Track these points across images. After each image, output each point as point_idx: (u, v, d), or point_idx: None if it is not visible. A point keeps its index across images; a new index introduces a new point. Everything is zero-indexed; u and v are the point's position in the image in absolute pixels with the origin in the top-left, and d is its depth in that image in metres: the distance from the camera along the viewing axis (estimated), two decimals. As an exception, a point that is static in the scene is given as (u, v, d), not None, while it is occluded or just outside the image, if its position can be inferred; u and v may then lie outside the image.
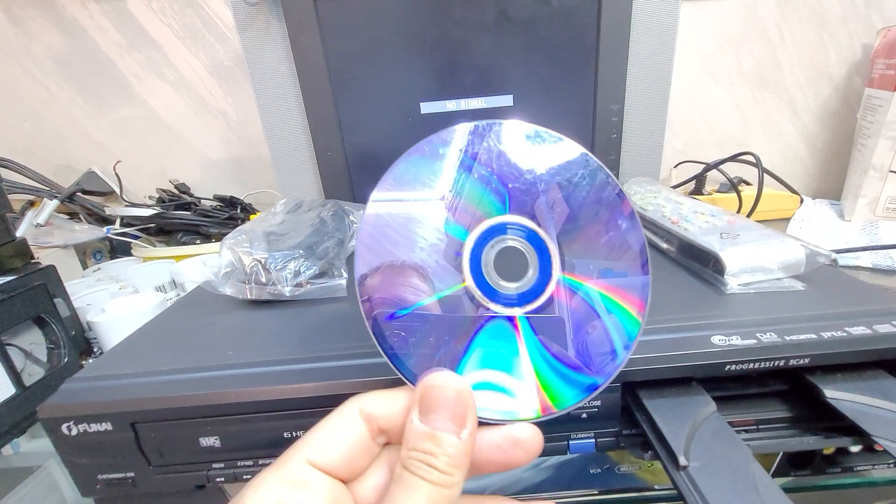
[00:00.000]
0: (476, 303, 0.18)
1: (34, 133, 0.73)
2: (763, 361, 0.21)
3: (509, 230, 0.19)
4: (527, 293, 0.19)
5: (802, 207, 0.65)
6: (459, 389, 0.16)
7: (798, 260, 0.27)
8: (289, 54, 0.52)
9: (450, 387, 0.16)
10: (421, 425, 0.16)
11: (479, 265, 0.18)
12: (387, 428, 0.18)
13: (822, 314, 0.24)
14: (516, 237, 0.19)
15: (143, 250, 0.63)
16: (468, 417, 0.16)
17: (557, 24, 0.52)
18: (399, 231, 0.18)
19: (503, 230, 0.19)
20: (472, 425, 0.16)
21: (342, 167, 0.57)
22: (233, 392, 0.22)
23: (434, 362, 0.18)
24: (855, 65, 0.68)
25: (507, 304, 0.18)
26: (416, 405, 0.16)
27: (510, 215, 0.19)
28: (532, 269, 0.19)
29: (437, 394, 0.16)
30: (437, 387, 0.16)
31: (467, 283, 0.18)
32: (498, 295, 0.18)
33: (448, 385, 0.16)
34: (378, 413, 0.18)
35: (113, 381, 0.24)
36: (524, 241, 0.19)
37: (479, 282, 0.18)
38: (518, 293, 0.18)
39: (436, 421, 0.16)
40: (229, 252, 0.31)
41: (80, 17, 0.66)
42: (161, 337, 0.29)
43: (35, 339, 0.40)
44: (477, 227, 0.18)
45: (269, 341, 0.27)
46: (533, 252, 0.19)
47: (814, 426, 0.22)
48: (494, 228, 0.19)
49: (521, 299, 0.18)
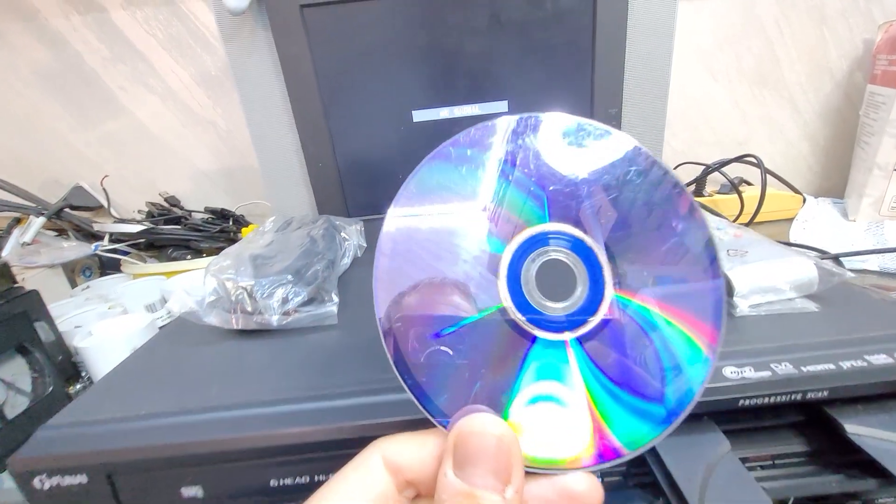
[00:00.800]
0: (518, 328, 0.16)
1: (20, 148, 0.71)
2: (779, 395, 0.20)
3: (551, 240, 0.16)
4: (576, 313, 0.16)
5: (805, 207, 0.64)
6: (501, 436, 0.14)
7: (810, 279, 0.25)
8: (276, 64, 0.51)
9: (490, 433, 0.14)
10: (456, 480, 0.13)
11: (518, 283, 0.16)
12: (416, 480, 0.15)
13: (839, 340, 0.22)
14: (560, 248, 0.16)
15: (132, 267, 0.61)
16: (513, 471, 0.14)
17: (552, 27, 0.51)
18: (428, 245, 0.16)
19: (544, 241, 0.16)
20: (519, 480, 0.14)
21: (334, 178, 0.55)
22: (215, 439, 0.21)
23: (470, 399, 0.15)
24: (856, 60, 0.67)
25: (556, 328, 0.16)
26: (449, 455, 0.14)
27: (552, 223, 0.16)
28: (581, 286, 0.16)
29: (475, 442, 0.14)
30: (474, 433, 0.14)
31: (506, 306, 0.16)
32: (543, 318, 0.16)
33: (488, 432, 0.14)
34: (405, 463, 0.15)
35: (89, 428, 0.23)
36: (570, 252, 0.16)
37: (519, 303, 0.16)
38: (567, 314, 0.16)
39: (474, 476, 0.13)
40: (213, 279, 0.30)
41: (63, 29, 0.65)
42: (142, 373, 0.27)
43: (17, 368, 0.39)
44: (514, 238, 0.16)
45: (256, 377, 0.25)
46: (581, 265, 0.16)
47: (833, 461, 0.21)
48: (534, 239, 0.16)
49: (571, 322, 0.16)
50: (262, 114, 0.53)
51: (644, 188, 0.16)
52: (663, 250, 0.15)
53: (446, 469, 0.14)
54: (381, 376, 0.23)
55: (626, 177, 0.16)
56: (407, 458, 0.15)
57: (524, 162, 0.16)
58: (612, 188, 0.16)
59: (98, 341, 0.43)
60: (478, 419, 0.14)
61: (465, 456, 0.14)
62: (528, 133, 0.16)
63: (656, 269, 0.15)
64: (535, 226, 0.16)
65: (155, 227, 0.63)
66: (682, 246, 0.15)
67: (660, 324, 0.15)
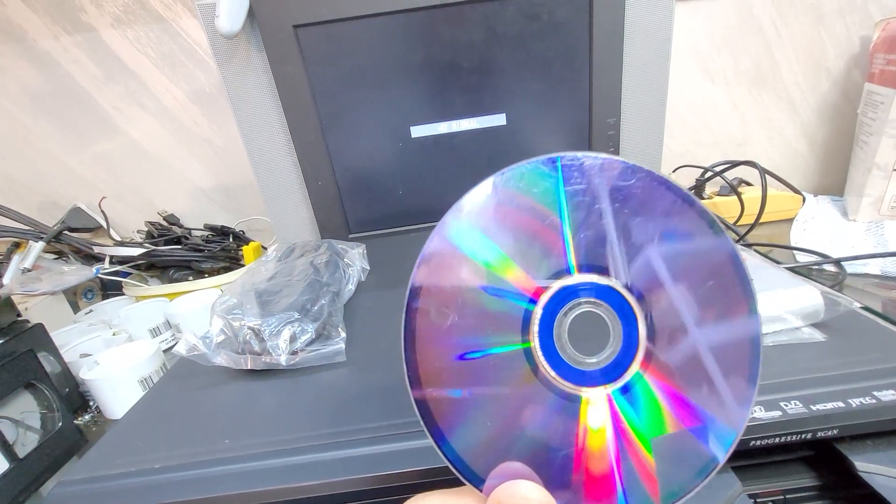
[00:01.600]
0: (551, 385, 0.15)
1: (14, 171, 0.70)
2: (789, 435, 0.20)
3: (581, 292, 0.15)
4: (608, 368, 0.15)
5: (805, 207, 0.64)
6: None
7: (816, 308, 0.25)
8: (272, 85, 0.50)
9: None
10: None
11: (550, 339, 0.15)
12: None
13: (847, 374, 0.22)
14: (591, 299, 0.15)
15: (135, 289, 0.61)
16: None
17: (548, 38, 0.50)
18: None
19: (575, 293, 0.15)
20: None
21: (334, 196, 0.55)
22: (232, 495, 0.21)
23: (506, 455, 0.14)
24: (853, 58, 0.66)
25: (592, 383, 0.15)
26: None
27: (581, 275, 0.15)
28: (614, 338, 0.15)
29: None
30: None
31: (547, 374, 0.15)
32: (578, 374, 0.15)
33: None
34: None
35: (105, 484, 0.23)
36: (601, 302, 0.15)
37: (552, 360, 0.15)
38: (600, 369, 0.15)
39: None
40: (220, 320, 0.30)
41: (52, 50, 0.64)
42: (154, 420, 0.27)
43: (26, 405, 0.39)
44: (545, 292, 0.15)
45: (268, 423, 0.25)
46: (614, 315, 0.15)
47: (843, 495, 0.21)
48: (566, 291, 0.15)
49: (605, 376, 0.15)
50: (260, 134, 0.53)
51: (646, 210, 0.15)
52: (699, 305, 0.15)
53: None
54: (395, 421, 0.23)
55: (623, 195, 0.15)
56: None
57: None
58: (622, 213, 0.15)
59: (105, 373, 0.43)
60: (519, 488, 0.14)
61: None
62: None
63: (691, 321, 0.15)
64: (565, 277, 0.15)
65: (156, 249, 0.62)
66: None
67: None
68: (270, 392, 0.28)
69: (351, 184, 0.55)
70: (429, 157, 0.55)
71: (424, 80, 0.51)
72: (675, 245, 0.15)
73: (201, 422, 0.26)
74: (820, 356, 0.24)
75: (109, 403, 0.42)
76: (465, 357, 0.15)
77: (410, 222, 0.57)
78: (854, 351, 0.24)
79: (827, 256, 0.50)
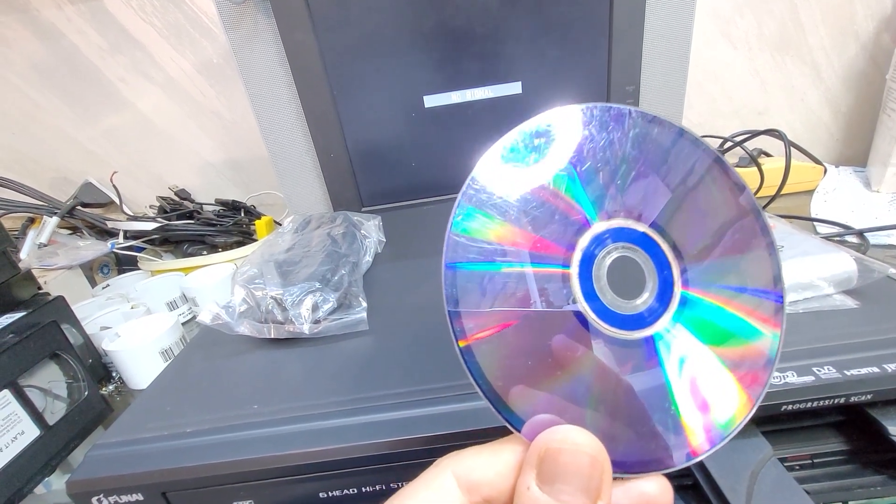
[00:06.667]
0: (595, 330, 0.15)
1: (24, 147, 0.70)
2: (822, 400, 0.20)
3: (607, 241, 0.15)
4: (659, 296, 0.15)
5: (826, 178, 0.62)
6: (595, 455, 0.13)
7: (850, 274, 0.25)
8: (281, 53, 0.49)
9: (583, 452, 0.13)
10: (542, 495, 0.12)
11: (591, 284, 0.15)
12: (493, 497, 0.14)
13: (881, 340, 0.22)
14: (620, 243, 0.15)
15: (150, 263, 0.62)
16: (604, 488, 0.13)
17: (566, 2, 0.48)
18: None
19: (602, 242, 0.15)
20: (608, 497, 0.13)
21: (346, 168, 0.55)
22: (265, 457, 0.21)
23: (550, 404, 0.14)
24: (884, 20, 0.63)
25: (652, 318, 0.15)
26: (533, 467, 0.13)
27: (608, 220, 0.15)
28: (651, 281, 0.15)
29: (565, 459, 0.13)
30: (565, 450, 0.13)
31: (594, 322, 0.14)
32: (619, 318, 0.15)
33: (581, 450, 0.13)
34: (481, 479, 0.14)
35: (139, 447, 0.23)
36: (632, 245, 0.15)
37: (604, 316, 0.15)
38: (649, 306, 0.15)
39: (563, 493, 0.12)
40: (242, 289, 0.30)
41: (56, 20, 0.62)
42: (182, 388, 0.28)
43: (53, 375, 0.40)
44: (579, 240, 0.15)
45: (295, 390, 0.26)
46: (648, 259, 0.15)
47: (873, 459, 0.21)
48: (596, 239, 0.15)
49: (661, 303, 0.15)
50: (270, 105, 0.52)
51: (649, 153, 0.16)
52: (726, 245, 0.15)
53: (529, 482, 0.13)
54: (419, 387, 0.24)
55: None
56: (481, 475, 0.14)
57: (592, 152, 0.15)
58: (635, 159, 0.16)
59: (127, 344, 0.43)
60: (568, 434, 0.13)
61: (554, 472, 0.13)
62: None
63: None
64: (592, 225, 0.15)
65: (169, 224, 0.62)
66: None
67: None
68: (294, 360, 0.28)
69: (363, 156, 0.54)
70: (442, 127, 0.53)
71: (438, 47, 0.50)
72: (671, 173, 0.16)
73: (228, 389, 0.27)
74: (853, 322, 0.24)
75: (132, 374, 0.43)
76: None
77: (424, 195, 0.56)
78: (888, 317, 0.24)
79: (850, 228, 0.49)
